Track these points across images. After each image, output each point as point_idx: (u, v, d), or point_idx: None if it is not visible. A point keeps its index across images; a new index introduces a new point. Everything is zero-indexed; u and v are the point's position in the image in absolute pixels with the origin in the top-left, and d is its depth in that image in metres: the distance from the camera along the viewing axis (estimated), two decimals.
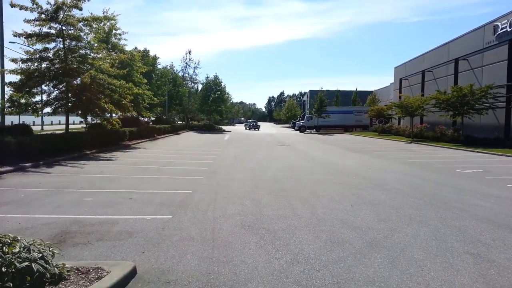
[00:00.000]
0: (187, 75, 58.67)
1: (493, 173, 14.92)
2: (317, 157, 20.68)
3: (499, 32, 31.10)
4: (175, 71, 54.69)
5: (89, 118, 24.70)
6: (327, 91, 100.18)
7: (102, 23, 20.60)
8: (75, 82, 19.55)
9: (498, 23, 31.35)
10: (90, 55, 20.09)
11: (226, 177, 12.83)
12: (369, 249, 5.74)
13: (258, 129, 64.58)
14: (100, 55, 20.59)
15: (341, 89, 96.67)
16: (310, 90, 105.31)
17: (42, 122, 46.08)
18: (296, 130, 64.09)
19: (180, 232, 6.35)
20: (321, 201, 9.24)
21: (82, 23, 19.31)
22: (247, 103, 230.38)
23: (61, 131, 21.37)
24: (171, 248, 5.56)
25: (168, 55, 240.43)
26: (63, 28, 19.09)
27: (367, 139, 41.37)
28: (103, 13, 24.98)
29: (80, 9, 18.54)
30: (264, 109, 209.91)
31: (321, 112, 56.70)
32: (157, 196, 9.34)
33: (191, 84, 60.01)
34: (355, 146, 29.95)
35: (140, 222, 6.92)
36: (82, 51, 19.86)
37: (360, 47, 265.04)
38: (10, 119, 37.21)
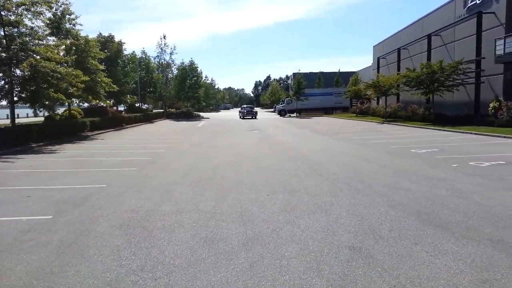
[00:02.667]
0: (163, 61, 57.08)
1: (447, 152, 14.47)
2: (279, 142, 20.12)
3: (469, 5, 30.44)
4: (147, 57, 53.17)
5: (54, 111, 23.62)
6: (310, 73, 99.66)
7: (46, 7, 19.39)
8: (17, 71, 18.52)
9: None
10: (34, 41, 18.97)
11: (160, 168, 12.19)
12: (241, 247, 5.14)
13: (255, 117, 50.77)
14: (44, 42, 19.49)
15: (326, 70, 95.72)
16: (293, 73, 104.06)
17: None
18: (277, 114, 63.34)
19: (41, 236, 5.68)
20: (240, 190, 8.65)
21: (21, 8, 18.18)
22: (235, 89, 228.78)
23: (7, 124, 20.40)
24: (14, 256, 4.91)
25: (153, 41, 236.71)
26: (2, 14, 17.98)
27: (342, 121, 40.94)
28: None
29: None
30: (252, 94, 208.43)
31: (299, 95, 55.88)
32: (62, 192, 8.65)
33: (167, 70, 58.44)
34: (326, 129, 29.46)
35: (8, 224, 6.24)
36: (26, 38, 18.75)
37: (349, 27, 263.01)
38: None
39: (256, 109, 57.83)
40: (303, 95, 56.98)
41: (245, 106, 59.65)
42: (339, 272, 4.35)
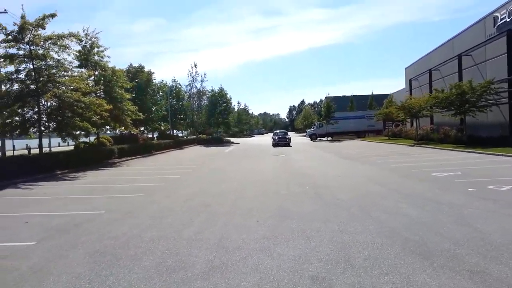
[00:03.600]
0: (194, 88, 58.63)
1: (469, 176, 13.75)
2: (299, 167, 19.83)
3: (499, 24, 29.44)
4: (178, 85, 54.75)
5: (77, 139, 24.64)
6: (343, 96, 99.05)
7: (75, 40, 20.52)
8: (45, 102, 19.54)
9: (498, 14, 29.69)
10: (60, 73, 20.03)
11: (167, 194, 12.32)
12: (200, 276, 5.00)
13: (289, 144, 42.49)
14: (69, 73, 20.54)
15: (359, 94, 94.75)
16: (326, 97, 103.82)
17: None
18: (308, 138, 62.89)
19: (13, 262, 5.78)
20: (233, 216, 8.53)
21: (49, 42, 19.32)
22: (271, 114, 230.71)
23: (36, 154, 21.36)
24: None
25: (201, 70, 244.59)
26: (31, 48, 19.17)
27: (372, 144, 40.02)
28: (83, 31, 25.30)
29: (43, 28, 18.57)
30: (286, 119, 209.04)
31: (329, 119, 55.36)
32: (60, 218, 8.85)
33: (198, 97, 59.90)
34: (352, 153, 28.83)
35: None
36: (53, 70, 19.83)
37: (382, 50, 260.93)
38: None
39: (290, 134, 53.05)
40: (333, 118, 56.45)
41: (278, 131, 48.26)
42: None
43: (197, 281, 4.82)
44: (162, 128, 52.66)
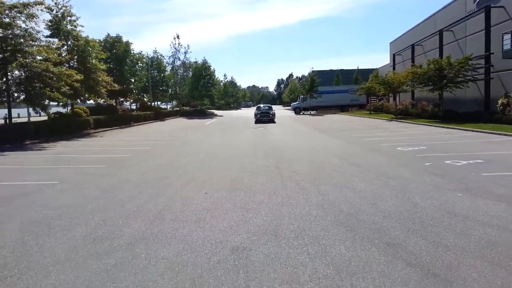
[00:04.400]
0: (178, 61, 57.66)
1: (433, 151, 13.96)
2: (272, 140, 19.88)
3: (478, 0, 29.25)
4: (159, 56, 53.80)
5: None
6: (330, 70, 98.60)
7: (43, 8, 19.85)
8: (16, 72, 19.07)
9: None
10: (28, 43, 19.45)
11: (129, 165, 12.34)
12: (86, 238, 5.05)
13: (273, 120, 37.60)
14: (36, 43, 19.95)
15: (347, 68, 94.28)
16: (313, 70, 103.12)
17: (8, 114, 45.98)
18: (292, 111, 62.87)
19: None
20: (184, 188, 8.67)
21: (14, 10, 18.68)
22: (260, 87, 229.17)
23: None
24: None
25: (184, 42, 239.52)
26: None
27: (352, 118, 40.22)
28: (52, 0, 24.50)
29: None
30: (274, 92, 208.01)
31: (312, 93, 55.24)
32: (10, 188, 8.90)
33: (183, 69, 59.05)
34: (330, 126, 28.95)
35: None
36: (21, 40, 19.26)
37: (372, 24, 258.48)
38: None
39: (275, 108, 48.97)
40: (317, 92, 56.36)
41: (261, 106, 43.46)
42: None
43: (119, 252, 4.89)
44: (145, 99, 52.08)
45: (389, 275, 4.12)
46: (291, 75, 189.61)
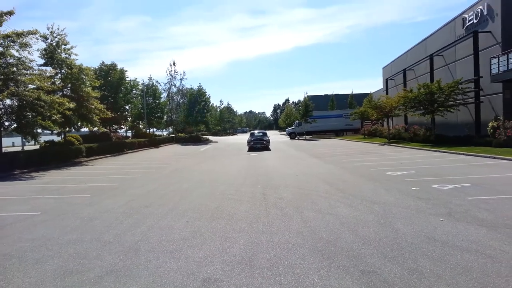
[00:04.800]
0: (174, 87, 58.26)
1: (421, 175, 13.95)
2: (263, 165, 19.82)
3: (467, 25, 29.98)
4: (154, 83, 54.35)
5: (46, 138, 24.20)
6: (325, 95, 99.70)
7: (38, 37, 20.14)
8: (7, 101, 19.16)
9: (466, 15, 30.20)
10: (20, 71, 19.63)
11: (113, 195, 12.22)
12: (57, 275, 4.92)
13: (267, 147, 34.58)
14: (29, 71, 20.13)
15: (343, 93, 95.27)
16: (307, 96, 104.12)
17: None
18: (287, 136, 63.07)
19: None
20: (165, 217, 8.54)
21: (8, 39, 18.94)
22: (256, 112, 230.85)
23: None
24: None
25: (180, 69, 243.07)
26: None
27: (346, 143, 40.32)
28: (47, 29, 24.90)
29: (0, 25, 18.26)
30: (271, 117, 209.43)
31: (306, 118, 55.60)
32: None
33: (179, 96, 59.57)
34: (322, 151, 28.98)
35: None
36: (14, 69, 19.43)
37: (366, 50, 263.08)
38: None
39: (271, 133, 47.13)
40: (311, 117, 56.75)
41: (255, 132, 40.11)
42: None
43: (87, 286, 4.77)
44: (140, 126, 52.24)
45: None
46: (287, 100, 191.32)
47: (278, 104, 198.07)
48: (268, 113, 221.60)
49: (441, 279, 4.64)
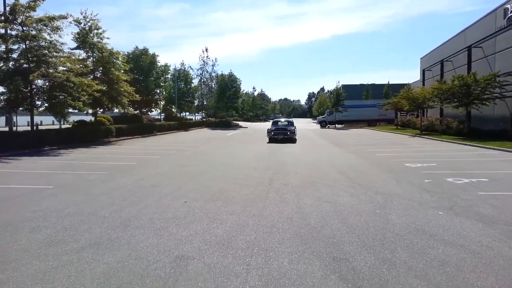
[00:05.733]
0: (206, 73, 58.98)
1: (441, 168, 13.55)
2: (283, 152, 19.80)
3: (509, 15, 28.34)
4: (186, 68, 55.12)
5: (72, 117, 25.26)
6: (360, 85, 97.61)
7: (72, 23, 20.91)
8: (36, 81, 20.06)
9: (508, 6, 28.54)
10: (52, 54, 20.45)
11: (128, 174, 12.59)
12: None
13: (293, 138, 27.65)
14: (59, 54, 20.93)
15: (380, 83, 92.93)
16: (342, 84, 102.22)
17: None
18: (318, 125, 62.47)
19: None
20: (167, 196, 8.76)
21: (41, 23, 19.73)
22: (291, 100, 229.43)
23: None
24: None
25: (215, 55, 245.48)
26: (24, 29, 19.63)
27: (376, 133, 39.51)
28: (81, 14, 25.75)
29: (34, 10, 19.00)
30: (305, 106, 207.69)
31: (338, 106, 54.74)
32: (4, 191, 9.26)
33: (210, 82, 60.29)
34: (348, 141, 28.57)
35: None
36: (45, 51, 20.26)
37: (407, 40, 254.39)
38: None
39: (303, 122, 43.01)
40: (343, 106, 55.82)
41: (278, 120, 34.01)
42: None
43: (66, 255, 5.03)
44: (173, 110, 53.30)
45: None
46: (322, 89, 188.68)
47: (313, 92, 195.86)
48: (303, 101, 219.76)
49: (411, 271, 4.55)
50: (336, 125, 58.64)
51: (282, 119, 32.71)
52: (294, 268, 4.63)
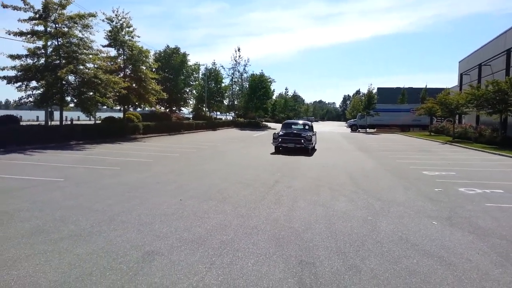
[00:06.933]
0: (237, 73, 59.60)
1: (459, 177, 13.10)
2: (304, 155, 19.55)
3: None
4: (216, 68, 55.81)
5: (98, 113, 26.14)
6: (396, 88, 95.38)
7: (90, 20, 21.62)
8: (67, 78, 20.94)
9: None
10: (82, 51, 21.29)
11: (141, 170, 12.93)
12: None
13: (307, 148, 19.63)
14: (89, 51, 21.74)
15: (415, 86, 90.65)
16: (378, 87, 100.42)
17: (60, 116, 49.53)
18: (348, 128, 61.52)
19: None
20: (165, 194, 8.96)
21: (72, 21, 20.61)
22: (326, 102, 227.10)
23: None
24: None
25: (250, 54, 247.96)
26: (56, 26, 20.56)
27: (405, 139, 38.51)
28: (113, 12, 26.64)
29: (64, 8, 19.89)
30: (339, 108, 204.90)
31: (369, 110, 53.67)
32: (16, 181, 9.81)
33: (242, 82, 60.86)
34: (373, 145, 28.02)
35: None
36: (75, 48, 21.13)
37: (450, 41, 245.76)
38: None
39: (332, 125, 39.81)
40: (375, 110, 54.67)
41: (291, 122, 24.78)
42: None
43: (43, 245, 5.25)
44: (204, 109, 54.08)
45: None
46: (358, 92, 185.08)
47: (348, 95, 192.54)
48: (338, 104, 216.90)
49: (374, 279, 4.46)
50: (367, 129, 57.50)
51: (301, 122, 24.18)
52: (256, 269, 4.63)
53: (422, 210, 8.04)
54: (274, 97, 75.39)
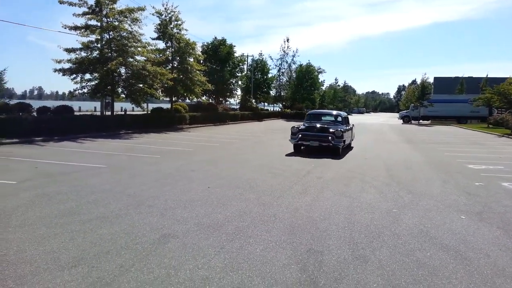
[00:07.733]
0: (285, 63, 59.54)
1: (505, 171, 12.51)
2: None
3: None
4: (263, 59, 55.94)
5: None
6: (454, 78, 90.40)
7: (139, 14, 22.48)
8: (122, 70, 22.09)
9: None
10: (131, 44, 22.29)
11: (179, 158, 13.45)
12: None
13: (336, 149, 14.98)
14: (138, 44, 22.69)
15: (475, 75, 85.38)
16: (435, 77, 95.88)
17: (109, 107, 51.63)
18: (400, 119, 59.43)
19: None
20: (196, 181, 9.26)
21: (122, 15, 21.62)
22: (380, 93, 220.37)
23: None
24: None
25: (300, 44, 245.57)
26: (108, 20, 21.66)
27: (460, 131, 36.77)
28: (162, 6, 27.58)
29: (115, 2, 20.90)
30: (393, 99, 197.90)
31: (422, 101, 51.46)
32: (62, 167, 10.54)
33: (289, 72, 60.70)
34: (422, 138, 27.02)
35: None
36: (125, 41, 22.16)
37: None
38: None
39: (386, 116, 37.85)
40: (429, 101, 52.33)
41: (315, 113, 19.80)
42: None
43: (73, 225, 5.70)
44: (252, 100, 54.60)
45: (271, 277, 4.16)
46: (414, 82, 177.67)
47: (403, 85, 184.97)
48: (392, 95, 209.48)
49: (379, 270, 4.45)
50: (420, 121, 55.23)
51: (334, 112, 19.60)
52: (263, 255, 4.76)
53: (453, 204, 7.76)
54: (323, 87, 74.43)
